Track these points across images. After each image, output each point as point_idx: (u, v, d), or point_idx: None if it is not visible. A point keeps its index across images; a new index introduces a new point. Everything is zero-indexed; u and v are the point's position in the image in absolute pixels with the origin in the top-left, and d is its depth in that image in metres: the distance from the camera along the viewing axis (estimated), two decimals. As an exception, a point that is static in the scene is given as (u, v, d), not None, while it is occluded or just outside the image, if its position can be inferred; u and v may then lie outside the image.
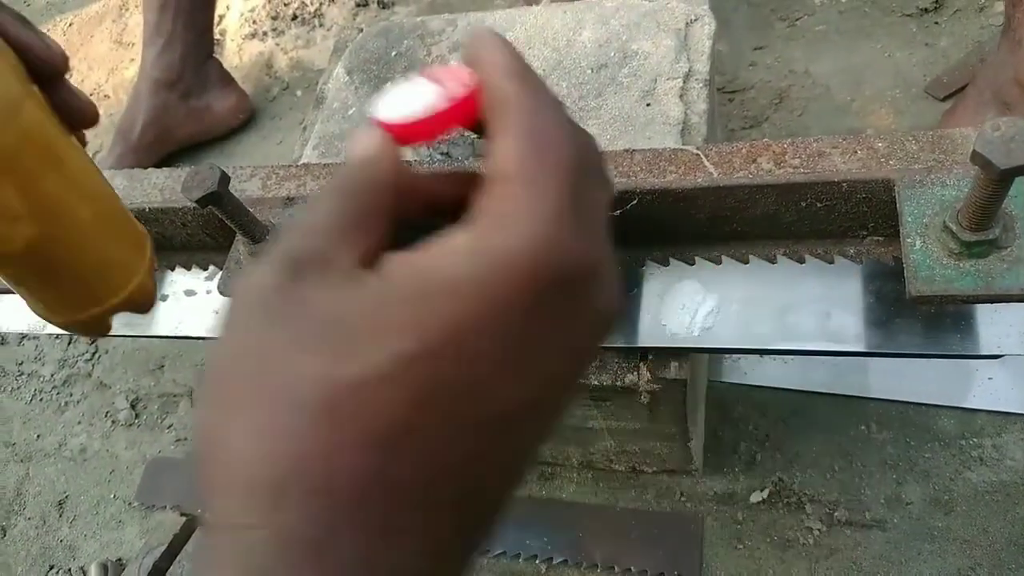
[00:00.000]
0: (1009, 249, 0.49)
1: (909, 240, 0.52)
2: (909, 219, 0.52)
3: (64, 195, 0.46)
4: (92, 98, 1.91)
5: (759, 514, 0.95)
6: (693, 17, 0.86)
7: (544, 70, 0.88)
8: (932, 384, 0.97)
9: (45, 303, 0.51)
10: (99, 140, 1.77)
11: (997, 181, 0.44)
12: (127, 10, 2.03)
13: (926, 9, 1.28)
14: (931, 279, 0.50)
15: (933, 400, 0.96)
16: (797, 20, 1.36)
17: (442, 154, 0.88)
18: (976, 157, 0.43)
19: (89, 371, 1.39)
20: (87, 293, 0.51)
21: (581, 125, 0.29)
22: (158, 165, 1.59)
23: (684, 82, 0.81)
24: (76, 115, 0.45)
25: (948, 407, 0.96)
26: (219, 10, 1.85)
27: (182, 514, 1.03)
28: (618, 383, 0.67)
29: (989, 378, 0.95)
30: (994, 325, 0.55)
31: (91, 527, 1.20)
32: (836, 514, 0.92)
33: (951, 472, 0.92)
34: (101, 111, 1.92)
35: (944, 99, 1.17)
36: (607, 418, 0.80)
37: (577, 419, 0.82)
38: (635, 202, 0.62)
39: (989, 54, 1.09)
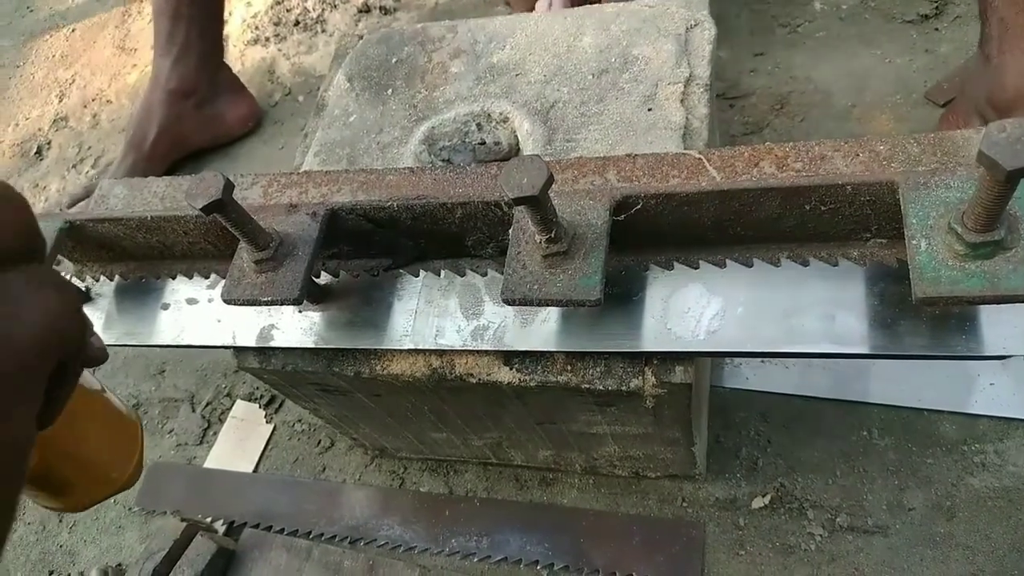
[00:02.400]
0: (1014, 250, 0.49)
1: (914, 242, 0.52)
2: (914, 221, 0.52)
3: (70, 429, 0.47)
4: (94, 104, 1.92)
5: (761, 520, 0.95)
6: (693, 22, 0.86)
7: (545, 76, 0.88)
8: (934, 390, 0.97)
9: (38, 497, 0.51)
10: (102, 145, 1.77)
11: (1003, 182, 0.44)
12: (129, 16, 2.04)
13: (926, 15, 1.28)
14: (937, 280, 0.50)
15: (935, 406, 0.96)
16: (798, 27, 1.36)
17: (443, 160, 0.89)
18: (982, 158, 0.44)
19: (89, 376, 1.38)
20: (82, 491, 0.52)
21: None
22: (167, 172, 1.60)
23: (685, 87, 0.81)
24: (91, 361, 0.45)
25: (950, 413, 0.96)
26: (221, 16, 1.85)
27: (182, 519, 1.03)
28: (623, 388, 0.67)
29: (991, 384, 0.95)
30: (999, 326, 0.55)
31: (91, 532, 1.20)
32: (838, 520, 0.92)
33: (953, 478, 0.92)
34: (104, 117, 1.94)
35: (943, 105, 1.18)
36: (611, 423, 0.80)
37: (581, 424, 0.82)
38: (639, 206, 0.62)
39: (970, 70, 1.08)
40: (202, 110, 1.55)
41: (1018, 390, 0.94)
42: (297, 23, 1.81)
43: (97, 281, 0.83)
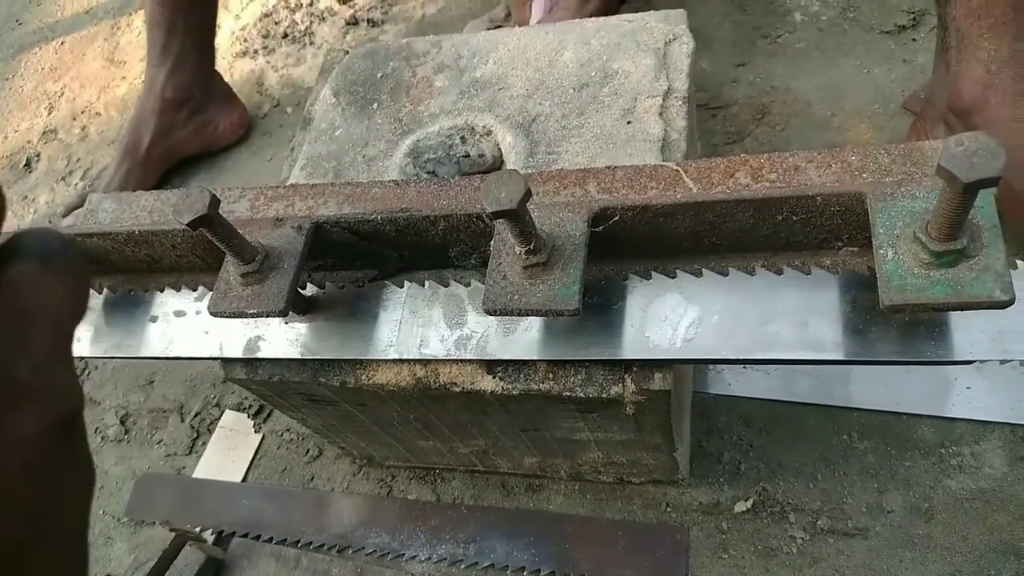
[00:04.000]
0: (977, 258, 0.51)
1: (881, 251, 0.53)
2: (881, 231, 0.54)
3: None
4: (83, 116, 1.93)
5: (743, 523, 0.96)
6: (672, 36, 0.88)
7: (527, 90, 0.90)
8: (912, 394, 0.99)
9: None
10: (91, 157, 1.78)
11: (962, 194, 0.46)
12: (119, 29, 2.05)
13: (904, 26, 1.31)
14: (903, 288, 0.52)
15: (913, 409, 0.98)
16: (779, 37, 1.39)
17: (428, 172, 0.90)
18: (941, 171, 0.45)
19: (78, 388, 1.39)
20: None
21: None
22: (159, 178, 1.61)
23: (664, 100, 0.83)
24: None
25: (928, 416, 0.97)
26: (210, 29, 1.86)
27: (171, 529, 1.03)
28: (603, 395, 0.69)
29: (967, 387, 0.97)
30: (967, 331, 0.57)
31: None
32: (819, 523, 0.94)
33: (931, 480, 0.93)
34: (93, 129, 1.94)
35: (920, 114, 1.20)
36: (594, 430, 0.81)
37: (564, 431, 0.83)
38: (617, 218, 0.63)
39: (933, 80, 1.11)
40: (195, 118, 1.57)
41: (994, 393, 0.96)
42: (285, 36, 1.82)
43: (86, 294, 0.84)
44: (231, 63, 1.82)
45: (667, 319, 0.64)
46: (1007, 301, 0.50)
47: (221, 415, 1.26)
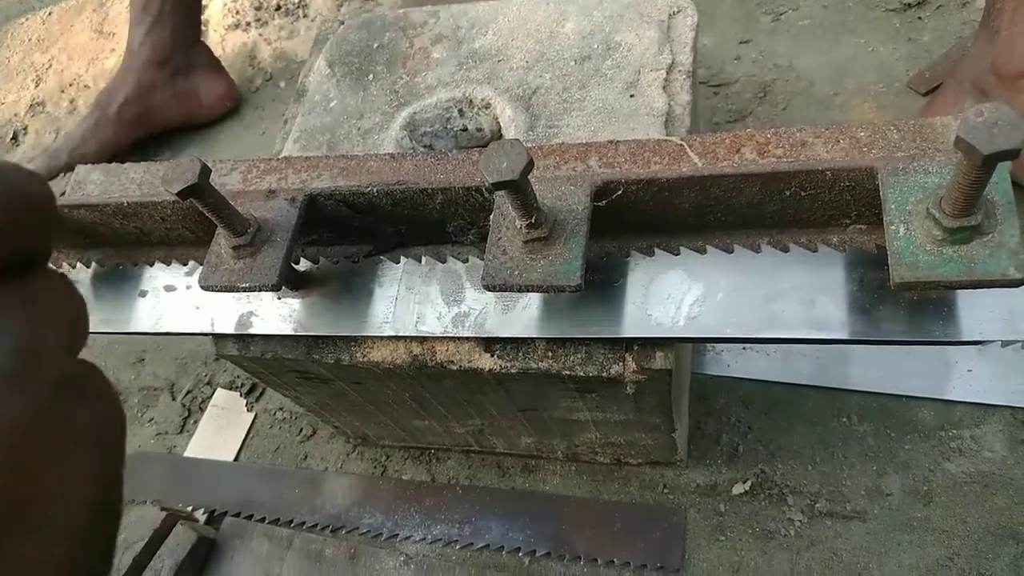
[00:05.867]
0: (991, 235, 0.49)
1: (893, 227, 0.52)
2: (893, 206, 0.53)
3: None
4: (71, 88, 1.89)
5: (741, 506, 0.95)
6: (676, 9, 0.86)
7: (528, 62, 0.88)
8: (913, 376, 0.98)
9: None
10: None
11: (980, 167, 0.44)
12: (107, 0, 2.01)
13: (909, 4, 1.29)
14: (915, 265, 0.50)
15: (913, 392, 0.97)
16: (782, 14, 1.36)
17: (425, 146, 0.88)
18: (959, 143, 0.44)
19: (67, 365, 1.37)
20: None
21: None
22: (136, 146, 1.57)
23: (667, 73, 0.81)
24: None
25: (928, 399, 0.97)
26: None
27: (162, 508, 1.02)
28: (603, 374, 0.67)
29: (968, 370, 0.96)
30: (976, 311, 0.55)
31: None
32: (817, 505, 0.93)
33: (930, 463, 0.93)
34: (81, 102, 1.90)
35: (926, 94, 1.18)
36: (592, 410, 0.80)
37: (562, 411, 0.82)
38: (620, 192, 0.61)
39: (968, 49, 1.10)
40: (175, 82, 1.53)
41: (995, 376, 0.95)
42: (278, 8, 1.79)
43: (73, 268, 0.82)
44: (223, 36, 1.79)
45: (670, 297, 0.62)
46: (1021, 280, 0.49)
47: (213, 393, 1.25)
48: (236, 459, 1.18)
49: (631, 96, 0.80)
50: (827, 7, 1.34)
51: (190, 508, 1.10)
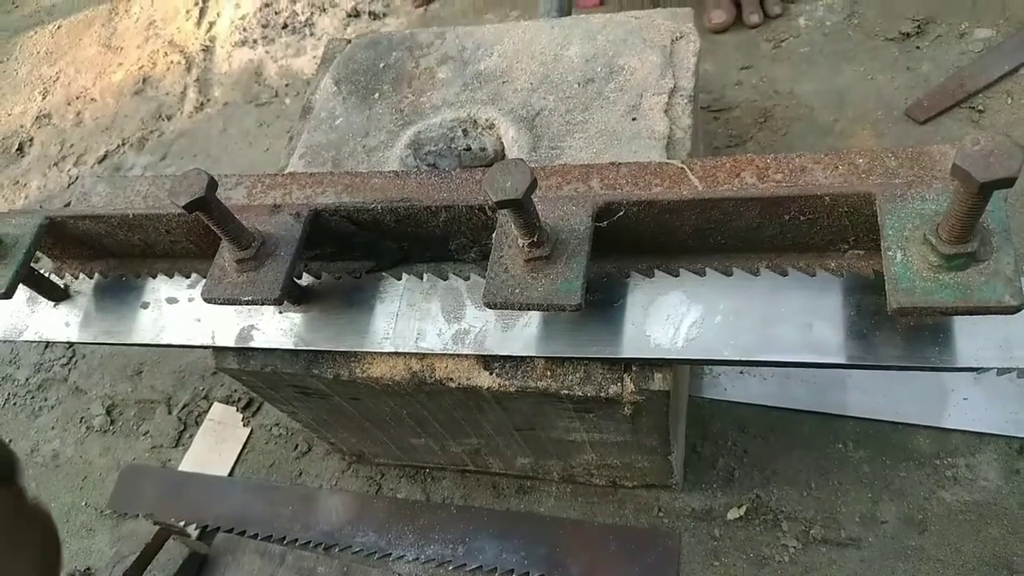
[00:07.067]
0: (987, 262, 0.50)
1: (890, 253, 0.52)
2: (890, 232, 0.53)
3: None
4: (78, 101, 1.91)
5: (736, 531, 0.95)
6: (678, 34, 0.87)
7: (532, 84, 0.89)
8: (909, 403, 0.98)
9: None
10: (84, 143, 1.76)
11: (976, 194, 0.45)
12: (116, 15, 2.03)
13: (908, 34, 1.30)
14: (912, 291, 0.51)
15: (910, 419, 0.97)
16: (783, 42, 1.38)
17: (429, 165, 0.89)
18: (956, 170, 0.44)
19: (65, 376, 1.37)
20: None
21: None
22: None
23: (669, 97, 0.82)
24: None
25: (924, 427, 0.97)
26: (210, 17, 1.86)
27: (155, 523, 1.02)
28: (602, 394, 0.67)
29: (964, 398, 0.96)
30: (972, 338, 0.56)
31: (60, 535, 1.18)
32: (812, 532, 0.93)
33: (925, 491, 0.93)
34: (87, 115, 1.90)
35: (924, 122, 1.19)
36: (589, 430, 0.80)
37: (559, 431, 0.82)
38: (621, 214, 0.62)
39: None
40: None
41: (991, 405, 0.95)
42: (285, 26, 1.81)
43: (76, 279, 0.82)
44: (230, 52, 1.81)
45: (669, 318, 0.63)
46: (1016, 307, 0.49)
47: (209, 408, 1.24)
48: (231, 474, 1.17)
49: (633, 119, 0.81)
50: (827, 35, 1.36)
51: (183, 523, 1.10)
